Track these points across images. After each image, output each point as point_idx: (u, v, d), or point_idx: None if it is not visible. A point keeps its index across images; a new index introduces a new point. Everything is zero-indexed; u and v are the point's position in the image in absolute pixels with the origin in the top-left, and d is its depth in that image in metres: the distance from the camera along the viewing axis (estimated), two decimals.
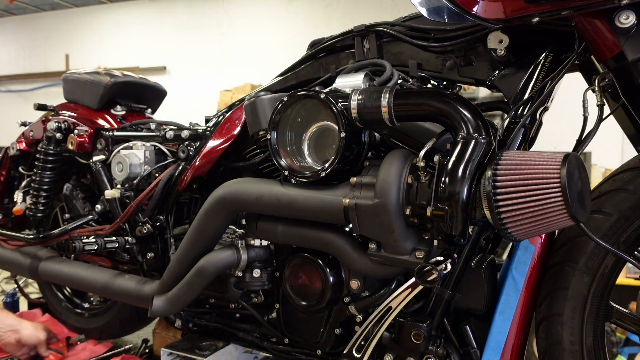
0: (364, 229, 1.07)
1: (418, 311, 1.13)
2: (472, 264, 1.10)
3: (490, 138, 0.96)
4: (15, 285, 2.21)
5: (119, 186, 1.61)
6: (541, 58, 1.11)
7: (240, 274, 1.31)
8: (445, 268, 0.99)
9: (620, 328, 1.95)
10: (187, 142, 1.52)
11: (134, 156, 1.61)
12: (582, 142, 1.07)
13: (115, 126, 1.78)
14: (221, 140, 1.47)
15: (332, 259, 1.22)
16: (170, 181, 1.52)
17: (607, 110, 1.05)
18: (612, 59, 0.95)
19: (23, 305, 2.29)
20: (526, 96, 1.08)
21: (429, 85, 1.28)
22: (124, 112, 1.86)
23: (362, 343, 1.15)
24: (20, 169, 1.97)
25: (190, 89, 6.50)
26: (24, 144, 1.93)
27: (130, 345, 1.91)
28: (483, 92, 4.24)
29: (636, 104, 0.99)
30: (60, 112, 1.86)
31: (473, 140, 0.95)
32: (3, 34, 8.30)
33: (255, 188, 1.20)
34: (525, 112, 1.07)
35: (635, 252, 1.11)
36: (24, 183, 1.92)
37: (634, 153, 1.14)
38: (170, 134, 1.55)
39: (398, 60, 1.27)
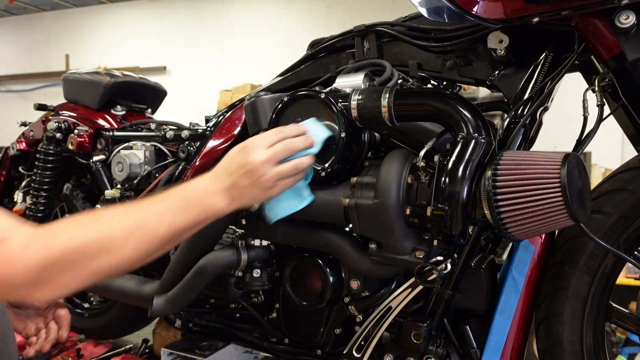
0: (364, 229, 1.07)
1: (418, 311, 1.13)
2: (472, 264, 1.10)
3: (490, 138, 0.96)
4: None
5: (119, 186, 1.61)
6: (541, 58, 1.11)
7: (240, 274, 1.31)
8: (445, 268, 0.99)
9: (620, 328, 1.95)
10: (187, 142, 1.52)
11: (134, 156, 1.61)
12: (582, 142, 1.07)
13: (115, 126, 1.78)
14: (221, 140, 1.47)
15: (332, 259, 1.22)
16: (170, 181, 1.52)
17: (607, 110, 1.04)
18: (612, 59, 0.94)
19: None
20: (526, 96, 1.08)
21: (429, 85, 1.28)
22: (124, 112, 1.86)
23: (362, 343, 1.15)
24: (20, 169, 1.97)
25: (190, 89, 6.49)
26: (24, 144, 1.93)
27: (130, 345, 1.91)
28: (483, 92, 4.24)
29: (636, 104, 1.00)
30: (60, 112, 1.86)
31: (473, 140, 0.95)
32: (3, 34, 8.30)
33: None
34: (525, 112, 1.07)
35: (635, 252, 1.11)
36: (24, 183, 1.92)
37: (634, 153, 1.14)
38: (170, 134, 1.55)
39: (398, 60, 1.27)
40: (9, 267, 0.74)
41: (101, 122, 1.79)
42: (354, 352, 1.16)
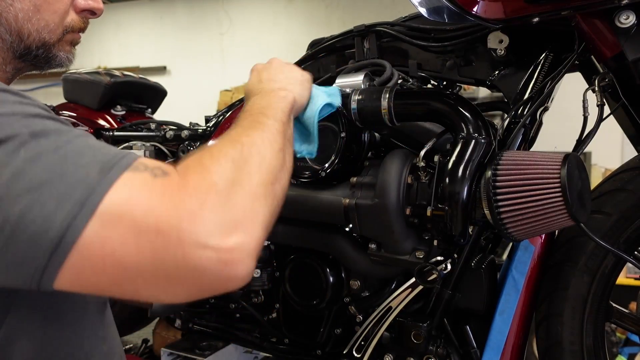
0: (364, 229, 1.07)
1: (418, 311, 1.13)
2: (472, 264, 1.10)
3: (490, 138, 0.96)
4: None
5: None
6: (541, 58, 1.11)
7: None
8: (445, 268, 0.99)
9: (620, 328, 1.95)
10: (187, 142, 1.52)
11: None
12: (582, 142, 1.07)
13: (116, 126, 1.78)
14: None
15: (332, 259, 1.21)
16: None
17: (607, 110, 1.04)
18: (612, 59, 0.94)
19: None
20: (526, 96, 1.08)
21: (429, 85, 1.28)
22: (124, 112, 1.86)
23: (362, 343, 1.15)
24: None
25: (190, 89, 6.49)
26: None
27: (130, 345, 1.91)
28: (483, 92, 4.24)
29: (636, 104, 1.00)
30: (60, 112, 1.86)
31: (473, 140, 0.95)
32: None
33: None
34: (525, 112, 1.07)
35: (635, 252, 1.11)
36: None
37: (634, 153, 1.14)
38: (170, 134, 1.55)
39: (398, 60, 1.27)
40: (184, 204, 0.54)
41: (101, 122, 1.79)
42: (354, 352, 1.16)
